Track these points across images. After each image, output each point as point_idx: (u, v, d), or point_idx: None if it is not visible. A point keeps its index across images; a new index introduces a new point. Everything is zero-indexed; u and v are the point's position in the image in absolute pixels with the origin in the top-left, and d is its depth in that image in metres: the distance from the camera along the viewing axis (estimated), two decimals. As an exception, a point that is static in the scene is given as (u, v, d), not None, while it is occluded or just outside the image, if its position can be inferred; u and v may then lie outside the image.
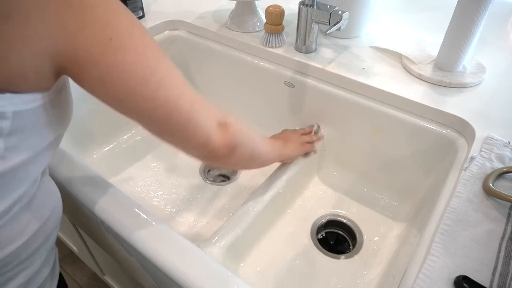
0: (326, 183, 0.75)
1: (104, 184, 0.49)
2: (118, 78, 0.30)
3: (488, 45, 0.73)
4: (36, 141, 0.32)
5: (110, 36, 0.28)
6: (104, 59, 0.28)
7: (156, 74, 0.31)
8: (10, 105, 0.28)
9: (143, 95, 0.31)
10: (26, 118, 0.30)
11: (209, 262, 0.40)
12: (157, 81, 0.32)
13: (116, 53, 0.29)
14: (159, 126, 0.35)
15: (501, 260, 0.38)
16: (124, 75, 0.30)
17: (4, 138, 0.29)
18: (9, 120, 0.28)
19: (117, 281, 0.95)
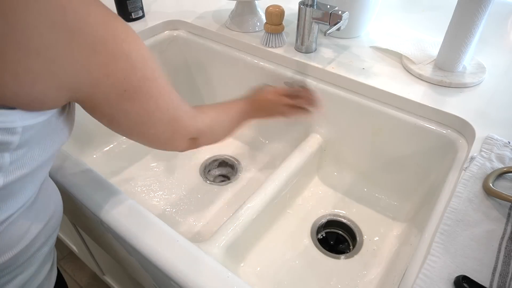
0: (326, 183, 0.75)
1: (104, 184, 0.49)
2: (123, 118, 0.36)
3: (488, 45, 0.73)
4: (39, 152, 0.33)
5: (125, 88, 0.33)
6: (117, 105, 0.34)
7: (151, 117, 0.38)
8: (20, 120, 0.29)
9: (138, 130, 0.39)
10: (34, 131, 0.31)
11: (209, 262, 0.40)
12: (150, 123, 0.39)
13: (127, 102, 0.34)
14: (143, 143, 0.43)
15: (501, 260, 0.38)
16: (129, 118, 0.36)
17: (11, 152, 0.30)
18: (18, 135, 0.29)
19: (117, 281, 0.95)
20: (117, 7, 0.81)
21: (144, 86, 0.35)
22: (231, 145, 0.86)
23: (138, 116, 0.37)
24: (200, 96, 0.93)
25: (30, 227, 0.38)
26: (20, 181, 0.33)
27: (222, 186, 0.76)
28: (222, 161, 0.82)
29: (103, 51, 0.30)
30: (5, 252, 0.35)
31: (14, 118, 0.28)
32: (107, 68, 0.31)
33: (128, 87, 0.33)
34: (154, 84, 0.36)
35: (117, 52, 0.31)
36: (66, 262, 1.20)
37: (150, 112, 0.38)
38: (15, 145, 0.29)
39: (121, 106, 0.34)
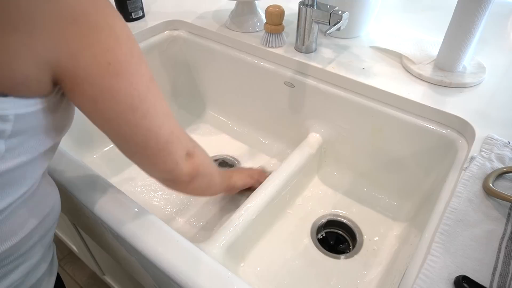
0: (326, 183, 0.75)
1: (104, 184, 0.49)
2: (109, 101, 0.31)
3: (488, 45, 0.73)
4: (35, 144, 0.33)
5: (109, 61, 0.30)
6: (100, 81, 0.30)
7: (144, 103, 0.33)
8: (12, 108, 0.29)
9: (128, 121, 0.33)
10: (27, 121, 0.31)
11: (209, 262, 0.40)
12: (144, 110, 0.34)
13: (112, 78, 0.30)
14: (133, 150, 0.38)
15: (501, 260, 0.38)
16: (116, 99, 0.32)
17: (5, 140, 0.30)
18: (11, 122, 0.29)
19: (117, 281, 0.95)
20: (117, 7, 0.81)
21: (132, 61, 0.32)
22: (231, 145, 0.86)
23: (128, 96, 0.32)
24: (200, 96, 0.93)
25: (28, 219, 0.38)
26: (18, 170, 0.33)
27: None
28: (222, 161, 0.82)
29: (85, 21, 0.28)
30: (6, 240, 0.36)
31: (6, 106, 0.28)
32: (88, 39, 0.28)
33: (113, 59, 0.30)
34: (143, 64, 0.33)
35: (99, 23, 0.29)
36: (66, 262, 1.20)
37: (142, 94, 0.33)
38: (8, 133, 0.29)
39: (106, 82, 0.30)
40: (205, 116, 0.93)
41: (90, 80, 0.30)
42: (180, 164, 0.41)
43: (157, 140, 0.37)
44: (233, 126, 0.89)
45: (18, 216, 0.36)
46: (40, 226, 0.40)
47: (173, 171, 0.41)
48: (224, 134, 0.89)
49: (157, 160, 0.39)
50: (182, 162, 0.41)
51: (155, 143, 0.37)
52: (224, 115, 0.91)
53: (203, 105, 0.93)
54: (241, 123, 0.88)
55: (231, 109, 0.88)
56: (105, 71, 0.30)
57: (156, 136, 0.36)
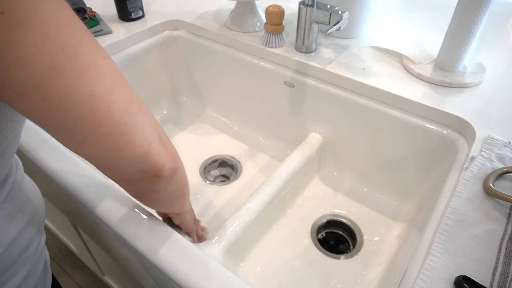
0: (326, 183, 0.75)
1: (104, 184, 0.49)
2: (16, 65, 0.21)
3: (488, 45, 0.73)
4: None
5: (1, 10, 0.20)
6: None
7: (76, 60, 0.23)
8: None
9: (55, 86, 0.23)
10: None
11: (209, 262, 0.40)
12: (77, 69, 0.23)
13: (12, 30, 0.20)
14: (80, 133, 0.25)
15: (501, 260, 0.38)
16: (26, 60, 0.21)
17: None
18: None
19: (117, 281, 0.95)
20: (117, 7, 0.81)
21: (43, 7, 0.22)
22: (231, 145, 0.86)
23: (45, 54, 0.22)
24: (200, 96, 0.93)
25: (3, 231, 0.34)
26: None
27: (222, 186, 0.76)
28: (222, 161, 0.82)
29: None
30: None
31: None
32: None
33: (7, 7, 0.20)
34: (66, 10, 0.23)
35: None
36: (66, 262, 1.20)
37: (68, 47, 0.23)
38: None
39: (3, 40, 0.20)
40: (205, 116, 0.93)
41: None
42: (154, 148, 0.29)
43: (110, 109, 0.25)
44: (233, 126, 0.89)
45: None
46: (16, 242, 0.36)
47: (147, 154, 0.29)
48: (224, 134, 0.89)
49: (120, 140, 0.27)
50: (157, 144, 0.30)
51: (108, 113, 0.25)
52: (224, 115, 0.91)
53: (203, 105, 0.93)
54: (241, 123, 0.88)
55: (231, 109, 0.88)
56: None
57: (106, 103, 0.25)
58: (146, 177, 0.30)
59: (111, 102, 0.25)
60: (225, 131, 0.89)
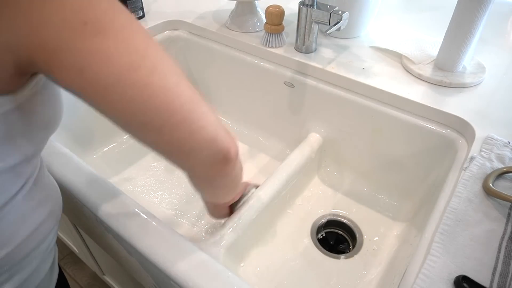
0: (326, 183, 0.75)
1: (104, 184, 0.49)
2: (99, 65, 0.25)
3: (488, 45, 0.73)
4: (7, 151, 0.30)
5: (84, 20, 0.24)
6: (79, 44, 0.24)
7: (147, 58, 0.27)
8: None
9: (133, 81, 0.26)
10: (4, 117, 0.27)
11: (209, 262, 0.40)
12: (150, 65, 0.27)
13: (94, 37, 0.24)
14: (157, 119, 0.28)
15: (501, 260, 0.38)
16: (107, 61, 0.25)
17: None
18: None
19: (117, 281, 0.95)
20: (117, 7, 0.81)
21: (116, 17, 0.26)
22: (231, 145, 0.86)
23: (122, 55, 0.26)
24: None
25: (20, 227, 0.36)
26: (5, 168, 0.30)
27: (222, 186, 0.76)
28: (222, 161, 0.82)
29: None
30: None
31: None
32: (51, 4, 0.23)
33: (89, 18, 0.24)
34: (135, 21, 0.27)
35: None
36: (66, 262, 1.20)
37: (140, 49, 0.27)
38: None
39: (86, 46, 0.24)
40: (205, 116, 0.93)
41: (65, 47, 0.24)
42: (219, 130, 0.33)
43: (181, 99, 0.29)
44: (233, 126, 0.89)
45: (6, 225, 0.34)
46: (37, 231, 0.38)
47: (216, 138, 0.32)
48: (224, 134, 0.89)
49: (192, 126, 0.30)
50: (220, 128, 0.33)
51: (180, 103, 0.29)
52: (224, 115, 0.91)
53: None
54: (241, 123, 0.88)
55: (231, 109, 0.88)
56: (82, 32, 0.24)
57: (177, 94, 0.29)
58: (217, 160, 0.34)
59: (180, 93, 0.29)
60: (225, 131, 0.89)
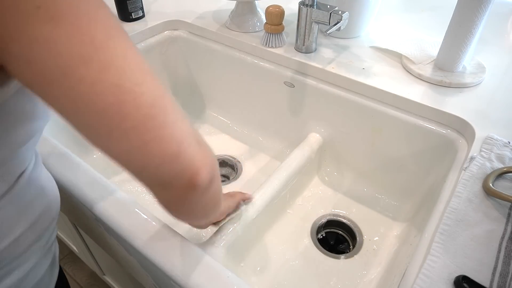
0: (326, 183, 0.75)
1: (104, 184, 0.49)
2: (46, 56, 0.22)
3: (488, 45, 0.73)
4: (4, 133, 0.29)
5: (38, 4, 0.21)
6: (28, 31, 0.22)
7: (103, 52, 0.23)
8: None
9: (82, 75, 0.23)
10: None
11: (209, 262, 0.40)
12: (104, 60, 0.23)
13: (46, 24, 0.22)
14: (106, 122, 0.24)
15: (501, 260, 0.38)
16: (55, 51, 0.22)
17: None
18: None
19: (117, 281, 0.95)
20: (117, 7, 0.81)
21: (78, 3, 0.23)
22: (231, 145, 0.86)
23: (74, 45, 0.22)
24: (200, 96, 0.93)
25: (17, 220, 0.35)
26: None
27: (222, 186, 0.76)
28: (222, 161, 0.82)
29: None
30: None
31: None
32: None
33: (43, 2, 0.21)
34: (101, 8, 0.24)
35: None
36: (66, 262, 1.20)
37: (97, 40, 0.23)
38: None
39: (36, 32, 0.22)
40: (205, 116, 0.93)
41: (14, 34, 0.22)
42: (186, 144, 0.26)
43: (137, 101, 0.24)
44: (233, 126, 0.89)
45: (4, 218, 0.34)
46: (33, 227, 0.38)
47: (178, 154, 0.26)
48: (224, 134, 0.89)
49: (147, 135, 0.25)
50: (190, 143, 0.27)
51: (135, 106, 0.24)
52: (224, 115, 0.91)
53: (203, 105, 0.93)
54: (241, 123, 0.88)
55: (231, 109, 0.88)
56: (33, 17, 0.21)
57: (133, 95, 0.24)
58: (178, 182, 0.27)
59: (139, 94, 0.24)
60: (225, 131, 0.89)
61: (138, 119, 0.24)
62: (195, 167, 0.27)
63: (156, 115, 0.25)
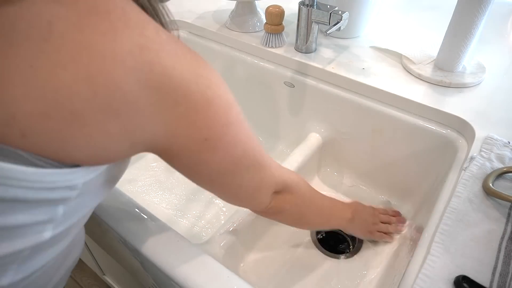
0: (326, 183, 0.75)
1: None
2: (204, 170, 0.32)
3: (488, 45, 0.73)
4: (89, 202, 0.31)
5: (206, 137, 0.30)
6: (196, 155, 0.31)
7: (237, 167, 0.34)
8: (81, 177, 0.27)
9: (221, 182, 0.35)
10: (91, 183, 0.29)
11: (209, 262, 0.40)
12: (236, 173, 0.35)
13: (208, 152, 0.31)
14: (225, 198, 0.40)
15: (501, 260, 0.38)
16: (210, 168, 0.32)
17: (65, 205, 0.28)
18: (78, 190, 0.27)
19: (117, 281, 0.95)
20: (117, 7, 0.81)
21: (229, 132, 0.31)
22: (231, 145, 0.86)
23: (222, 165, 0.33)
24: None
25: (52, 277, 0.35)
26: (66, 231, 0.30)
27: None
28: (222, 161, 0.82)
29: (184, 102, 0.27)
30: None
31: (76, 176, 0.26)
32: (187, 119, 0.28)
33: (210, 135, 0.30)
34: (240, 129, 0.33)
35: (199, 101, 0.28)
36: (66, 262, 1.20)
37: (236, 160, 0.34)
38: (73, 198, 0.28)
39: (202, 156, 0.31)
40: (205, 116, 0.93)
41: (186, 153, 0.30)
42: (267, 204, 0.43)
43: (247, 192, 0.39)
44: (233, 126, 0.89)
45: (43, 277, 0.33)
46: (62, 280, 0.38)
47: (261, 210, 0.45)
48: (224, 134, 0.89)
49: (247, 204, 0.43)
50: (269, 201, 0.43)
51: (245, 194, 0.39)
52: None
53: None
54: (241, 123, 0.88)
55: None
56: (202, 146, 0.30)
57: (246, 189, 0.38)
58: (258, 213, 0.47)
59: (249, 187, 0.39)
60: (225, 131, 0.89)
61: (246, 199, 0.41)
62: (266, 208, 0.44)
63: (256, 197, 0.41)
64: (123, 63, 0.23)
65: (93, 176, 0.28)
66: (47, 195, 0.25)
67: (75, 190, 0.27)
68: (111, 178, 0.32)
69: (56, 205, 0.27)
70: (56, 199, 0.26)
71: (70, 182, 0.26)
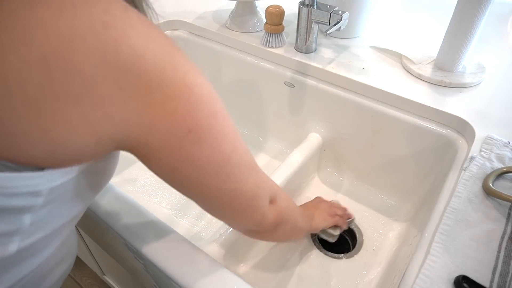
0: (326, 183, 0.75)
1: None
2: (189, 169, 0.28)
3: (488, 45, 0.73)
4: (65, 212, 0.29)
5: (189, 128, 0.26)
6: (179, 151, 0.26)
7: (228, 165, 0.30)
8: (47, 183, 0.24)
9: (210, 186, 0.30)
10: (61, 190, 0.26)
11: (209, 262, 0.40)
12: (228, 172, 0.30)
13: (193, 145, 0.26)
14: (217, 210, 0.35)
15: (501, 260, 0.38)
16: (197, 167, 0.28)
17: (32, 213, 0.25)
18: (43, 197, 0.25)
19: (117, 281, 0.95)
20: (117, 7, 0.81)
21: (216, 124, 0.27)
22: (231, 145, 0.86)
23: (210, 163, 0.28)
24: (200, 96, 0.92)
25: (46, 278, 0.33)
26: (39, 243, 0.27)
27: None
28: (222, 161, 0.82)
29: (159, 88, 0.23)
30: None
31: (41, 181, 0.24)
32: (164, 108, 0.24)
33: (194, 126, 0.26)
34: (226, 121, 0.29)
35: (177, 87, 0.24)
36: (66, 262, 1.20)
37: (226, 157, 0.29)
38: (38, 207, 0.25)
39: (185, 152, 0.26)
40: (205, 116, 0.93)
41: (167, 150, 0.26)
42: (266, 215, 0.38)
43: (243, 198, 0.34)
44: (233, 126, 0.89)
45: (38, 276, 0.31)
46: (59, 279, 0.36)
47: (260, 223, 0.38)
48: (224, 134, 0.89)
49: (244, 216, 0.36)
50: (267, 211, 0.38)
51: (240, 201, 0.34)
52: (224, 115, 0.91)
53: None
54: (240, 123, 0.88)
55: (231, 109, 0.88)
56: (185, 140, 0.26)
57: (241, 194, 0.33)
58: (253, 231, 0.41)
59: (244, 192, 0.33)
60: (225, 131, 0.89)
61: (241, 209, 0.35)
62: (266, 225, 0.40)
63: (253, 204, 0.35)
64: (82, 42, 0.20)
65: (62, 181, 0.25)
66: (7, 203, 0.23)
67: (40, 196, 0.24)
68: (91, 185, 0.29)
69: (20, 214, 0.24)
70: (18, 207, 0.23)
71: (33, 188, 0.23)
